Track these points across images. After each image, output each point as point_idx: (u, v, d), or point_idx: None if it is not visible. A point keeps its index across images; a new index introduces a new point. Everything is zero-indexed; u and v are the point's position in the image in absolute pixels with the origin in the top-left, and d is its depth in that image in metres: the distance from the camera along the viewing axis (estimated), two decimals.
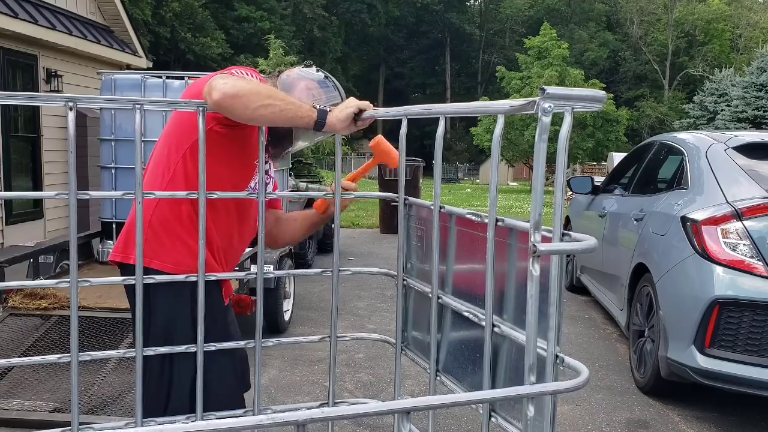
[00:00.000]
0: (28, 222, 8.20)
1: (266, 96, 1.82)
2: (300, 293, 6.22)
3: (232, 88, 1.79)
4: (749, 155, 4.12)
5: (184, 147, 1.99)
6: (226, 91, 1.78)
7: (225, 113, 1.83)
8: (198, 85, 2.00)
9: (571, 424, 3.68)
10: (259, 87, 1.85)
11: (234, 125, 1.94)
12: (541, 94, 1.23)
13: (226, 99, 1.78)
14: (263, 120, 1.86)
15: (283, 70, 2.19)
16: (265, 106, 1.81)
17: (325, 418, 1.01)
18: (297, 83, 2.10)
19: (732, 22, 48.90)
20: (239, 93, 1.79)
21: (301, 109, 1.87)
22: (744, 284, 3.46)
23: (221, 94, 1.78)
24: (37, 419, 3.01)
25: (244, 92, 1.79)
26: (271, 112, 1.82)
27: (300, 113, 1.86)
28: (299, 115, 1.86)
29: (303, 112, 1.86)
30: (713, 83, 27.16)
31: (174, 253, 1.99)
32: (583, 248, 1.27)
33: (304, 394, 3.97)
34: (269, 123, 1.89)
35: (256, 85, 1.87)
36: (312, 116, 1.86)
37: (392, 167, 2.08)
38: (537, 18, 49.89)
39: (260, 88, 1.85)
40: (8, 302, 3.94)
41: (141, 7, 29.66)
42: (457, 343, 1.83)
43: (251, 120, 1.86)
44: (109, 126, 5.22)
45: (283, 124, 1.91)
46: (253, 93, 1.80)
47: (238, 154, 2.04)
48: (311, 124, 1.87)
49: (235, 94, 1.78)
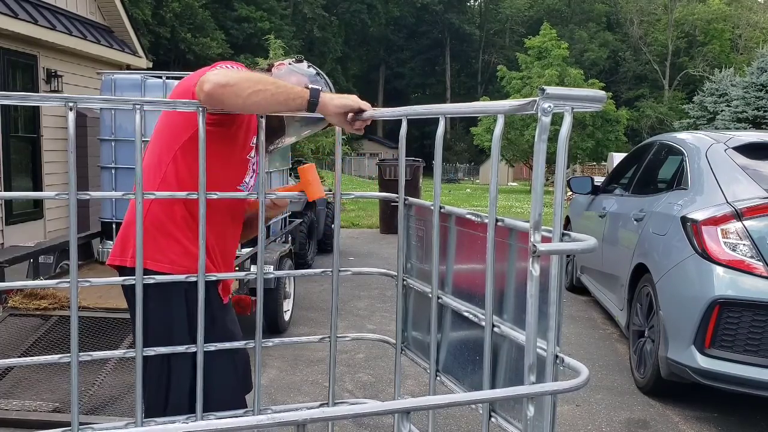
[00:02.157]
0: (29, 222, 8.20)
1: (257, 82, 1.81)
2: (300, 293, 6.22)
3: (223, 77, 1.78)
4: (749, 155, 4.12)
5: (174, 148, 1.98)
6: (217, 81, 1.77)
7: (218, 104, 1.82)
8: (185, 83, 2.00)
9: (571, 424, 3.68)
10: (248, 74, 1.84)
11: (222, 123, 1.94)
12: (540, 94, 1.23)
13: (217, 89, 1.76)
14: (256, 107, 1.84)
15: (274, 64, 2.17)
16: (256, 92, 1.79)
17: (325, 418, 1.01)
18: (288, 78, 2.08)
19: (732, 22, 48.93)
20: (230, 82, 1.78)
21: (293, 91, 1.85)
22: (744, 284, 3.46)
23: (212, 84, 1.77)
24: (37, 419, 3.01)
25: (235, 81, 1.78)
26: (263, 97, 1.80)
27: (292, 95, 1.84)
28: (291, 97, 1.84)
29: (295, 93, 1.85)
30: (713, 83, 27.17)
31: (170, 254, 1.98)
32: (583, 248, 1.27)
33: (304, 394, 3.97)
34: (262, 110, 1.88)
35: (246, 73, 1.86)
36: (305, 96, 1.84)
37: (309, 199, 2.09)
38: (537, 18, 49.95)
39: (250, 75, 1.84)
40: (8, 302, 3.94)
41: (141, 7, 29.67)
42: (457, 343, 1.83)
43: (244, 108, 1.85)
44: (109, 126, 5.22)
45: (276, 110, 1.89)
46: (243, 80, 1.79)
47: (228, 152, 2.02)
48: (304, 105, 1.85)
49: (226, 83, 1.77)
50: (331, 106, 1.86)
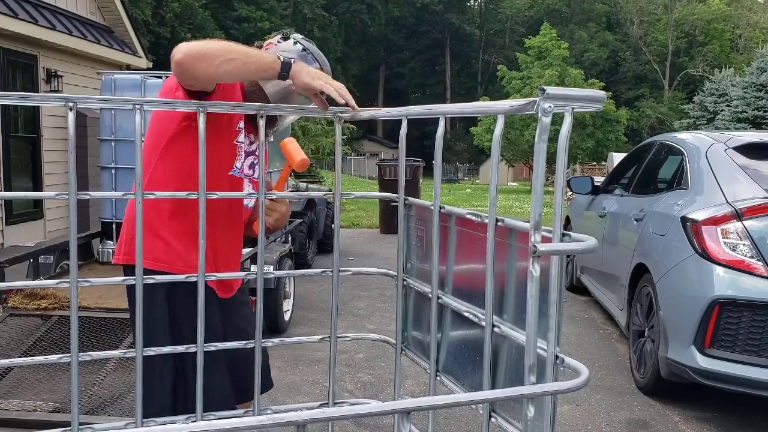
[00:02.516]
0: (29, 222, 8.20)
1: (228, 51, 1.80)
2: (300, 293, 6.21)
3: (194, 46, 1.78)
4: (749, 155, 4.11)
5: (159, 147, 2.01)
6: (188, 51, 1.77)
7: (189, 73, 1.81)
8: (169, 81, 2.02)
9: (571, 424, 3.68)
10: (219, 44, 1.84)
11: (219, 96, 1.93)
12: (541, 94, 1.22)
13: (187, 58, 1.76)
14: (228, 76, 1.84)
15: (263, 45, 2.14)
16: (227, 60, 1.78)
17: (326, 418, 1.01)
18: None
19: (732, 23, 48.94)
20: (200, 51, 1.77)
21: (264, 61, 1.85)
22: (744, 284, 3.46)
23: (182, 54, 1.76)
24: (37, 419, 3.01)
25: (205, 50, 1.78)
26: (234, 66, 1.79)
27: (264, 66, 1.84)
28: (263, 67, 1.84)
29: (267, 64, 1.84)
30: (713, 83, 27.19)
31: (154, 251, 2.00)
32: (584, 249, 1.27)
33: (304, 394, 3.97)
34: (234, 78, 1.88)
35: (217, 42, 1.85)
36: (275, 67, 1.84)
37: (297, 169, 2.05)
38: (537, 18, 49.95)
39: (221, 44, 1.84)
40: (8, 302, 3.94)
41: (141, 7, 29.65)
42: (457, 344, 1.82)
43: (216, 77, 1.84)
44: (109, 126, 5.22)
45: (247, 77, 1.89)
46: (214, 49, 1.79)
47: (215, 139, 2.00)
48: (275, 75, 1.85)
49: (197, 52, 1.77)
50: (298, 81, 1.86)
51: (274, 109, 1.98)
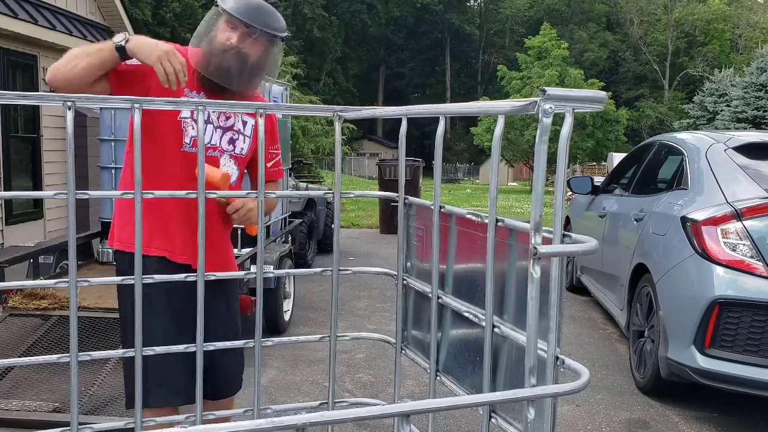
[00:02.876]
0: (28, 222, 8.20)
1: (74, 56, 1.97)
2: (300, 293, 6.21)
3: (52, 66, 1.98)
4: (749, 155, 4.11)
5: (126, 146, 2.18)
6: (49, 71, 1.98)
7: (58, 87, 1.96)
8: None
9: (571, 424, 3.68)
10: (70, 53, 2.00)
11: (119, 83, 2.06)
12: (541, 95, 1.22)
13: (49, 76, 1.98)
14: (84, 77, 1.97)
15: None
16: (74, 65, 1.96)
17: (325, 422, 1.01)
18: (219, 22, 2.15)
19: (732, 23, 48.94)
20: (55, 65, 1.97)
21: (102, 50, 1.99)
22: (744, 284, 3.46)
23: (47, 75, 2.00)
24: (37, 419, 3.00)
25: (58, 63, 1.97)
26: (81, 66, 1.96)
27: (102, 55, 1.98)
28: (102, 56, 1.98)
29: (105, 52, 1.98)
30: (713, 83, 27.19)
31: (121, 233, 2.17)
32: (584, 250, 1.26)
33: (304, 394, 3.97)
34: (88, 76, 1.99)
35: (69, 52, 2.01)
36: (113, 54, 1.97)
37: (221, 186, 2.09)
38: (537, 18, 49.97)
39: (71, 52, 2.00)
40: (8, 302, 3.94)
41: (141, 7, 29.62)
42: (457, 344, 1.82)
43: (73, 81, 1.96)
44: (109, 126, 5.21)
45: (98, 68, 1.99)
46: (63, 60, 1.97)
47: (150, 122, 2.08)
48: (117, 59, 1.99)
49: (53, 67, 1.97)
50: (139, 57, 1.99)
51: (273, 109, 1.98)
